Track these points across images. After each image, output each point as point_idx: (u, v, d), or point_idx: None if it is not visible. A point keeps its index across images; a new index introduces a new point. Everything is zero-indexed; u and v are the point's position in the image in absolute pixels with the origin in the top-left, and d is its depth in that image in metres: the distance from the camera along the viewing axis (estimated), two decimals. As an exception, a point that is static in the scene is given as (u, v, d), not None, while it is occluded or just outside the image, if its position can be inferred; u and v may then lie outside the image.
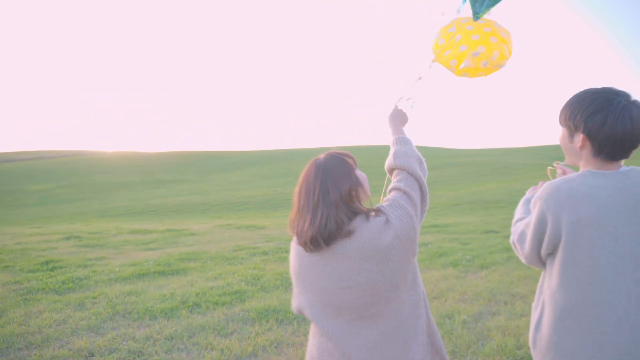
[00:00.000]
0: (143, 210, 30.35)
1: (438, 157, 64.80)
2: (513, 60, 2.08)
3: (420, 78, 1.91)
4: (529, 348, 3.36)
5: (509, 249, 7.54)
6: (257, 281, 5.60)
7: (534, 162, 53.16)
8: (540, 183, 1.75)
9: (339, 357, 1.43)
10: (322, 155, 1.55)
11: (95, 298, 4.97)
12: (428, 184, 1.59)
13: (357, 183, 1.50)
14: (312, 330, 1.56)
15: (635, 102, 1.44)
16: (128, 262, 7.03)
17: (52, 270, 6.50)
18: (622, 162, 1.51)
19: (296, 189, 1.52)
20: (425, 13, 2.06)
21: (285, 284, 5.49)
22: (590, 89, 1.49)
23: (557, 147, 3.15)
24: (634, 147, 1.45)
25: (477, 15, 1.91)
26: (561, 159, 1.79)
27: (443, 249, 7.60)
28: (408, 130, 1.82)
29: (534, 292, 3.59)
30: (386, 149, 1.73)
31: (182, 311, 4.45)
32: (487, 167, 50.75)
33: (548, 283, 1.54)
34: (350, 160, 1.54)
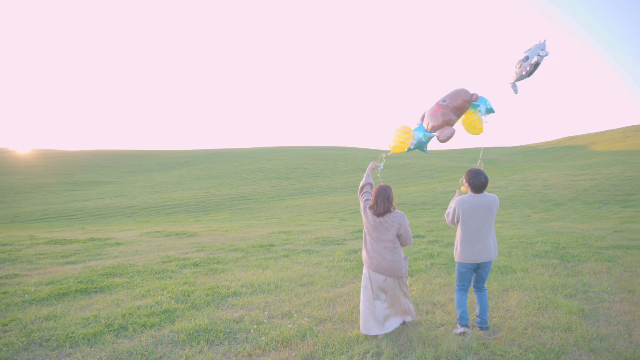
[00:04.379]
0: (61, 215, 28.31)
1: (366, 159, 66.62)
2: (441, 64, 4.45)
3: (383, 156, 4.93)
4: (445, 358, 3.67)
5: (432, 255, 8.03)
6: (187, 298, 5.49)
7: (455, 164, 56.39)
8: (457, 192, 4.75)
9: (370, 256, 4.27)
10: (383, 184, 4.29)
11: (6, 325, 4.59)
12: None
13: (392, 196, 4.26)
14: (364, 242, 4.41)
15: (484, 176, 4.30)
16: (45, 280, 6.57)
17: (-45, 292, 5.91)
18: (484, 191, 4.36)
19: (373, 194, 4.27)
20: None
21: (216, 299, 5.44)
22: (471, 170, 4.36)
23: (476, 149, 7.42)
24: (482, 189, 4.32)
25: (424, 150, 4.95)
26: (476, 160, 4.49)
27: (371, 256, 7.87)
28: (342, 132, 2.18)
29: (452, 300, 4.56)
30: (314, 149, 1.91)
31: (106, 336, 4.26)
32: (412, 169, 53.07)
33: (458, 231, 4.40)
34: (389, 187, 4.28)
